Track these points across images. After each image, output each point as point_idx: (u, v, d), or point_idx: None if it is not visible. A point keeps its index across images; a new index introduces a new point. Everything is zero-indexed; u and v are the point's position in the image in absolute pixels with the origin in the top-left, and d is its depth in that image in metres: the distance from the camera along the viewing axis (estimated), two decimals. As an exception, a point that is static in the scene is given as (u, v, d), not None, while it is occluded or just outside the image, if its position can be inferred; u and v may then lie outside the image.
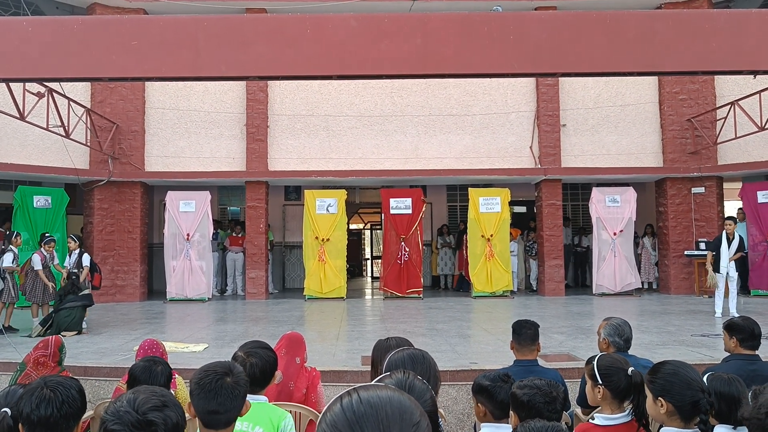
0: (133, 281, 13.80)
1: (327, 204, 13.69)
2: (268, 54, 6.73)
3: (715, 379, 2.68)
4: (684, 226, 14.04)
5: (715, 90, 13.95)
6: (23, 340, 8.16)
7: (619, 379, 2.83)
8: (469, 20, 6.82)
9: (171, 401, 1.65)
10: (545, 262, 14.08)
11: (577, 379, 5.09)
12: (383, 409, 0.97)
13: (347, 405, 0.98)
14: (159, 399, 1.62)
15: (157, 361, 3.28)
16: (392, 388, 1.04)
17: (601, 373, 2.88)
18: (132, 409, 1.56)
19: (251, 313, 11.43)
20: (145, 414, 1.55)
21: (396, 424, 0.96)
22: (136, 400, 1.59)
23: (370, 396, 1.00)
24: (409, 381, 1.54)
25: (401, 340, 2.97)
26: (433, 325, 9.52)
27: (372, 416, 0.96)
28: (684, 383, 2.48)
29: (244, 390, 2.32)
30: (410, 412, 0.99)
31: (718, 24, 6.84)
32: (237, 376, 2.32)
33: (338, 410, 0.98)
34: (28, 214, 12.35)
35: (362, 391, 1.02)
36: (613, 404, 2.84)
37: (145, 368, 3.20)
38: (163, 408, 1.59)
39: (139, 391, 1.66)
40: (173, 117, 14.02)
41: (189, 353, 7.27)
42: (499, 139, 14.20)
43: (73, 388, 2.25)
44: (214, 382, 2.25)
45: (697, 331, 8.44)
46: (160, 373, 3.19)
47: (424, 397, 1.52)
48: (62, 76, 7.00)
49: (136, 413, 1.55)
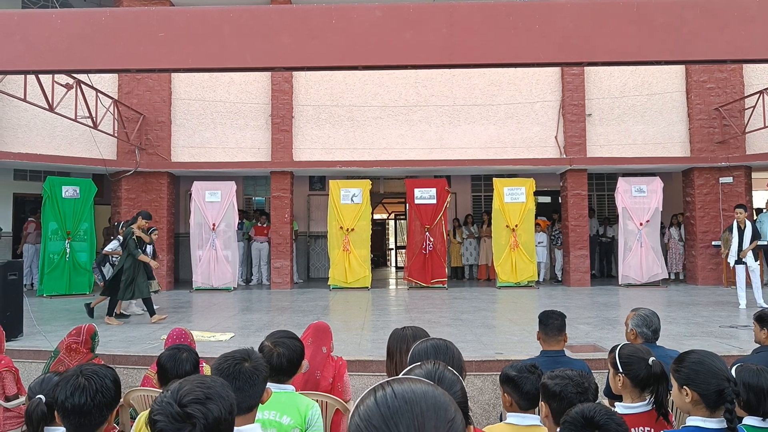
0: (159, 271, 13.93)
1: (351, 194, 13.73)
2: (293, 45, 6.75)
3: (743, 371, 2.66)
4: (711, 216, 13.85)
5: (743, 78, 13.71)
6: (53, 329, 8.30)
7: (639, 368, 2.86)
8: (495, 9, 6.78)
9: (217, 394, 1.60)
10: (570, 253, 13.99)
11: (603, 370, 5.06)
12: (418, 405, 0.95)
13: (381, 399, 0.97)
14: (203, 392, 1.58)
15: (182, 348, 3.31)
16: (426, 382, 1.03)
17: (622, 361, 2.92)
18: (174, 400, 1.54)
19: (276, 302, 11.53)
20: (185, 407, 1.52)
21: (431, 420, 0.94)
22: (179, 391, 1.57)
23: (405, 390, 0.98)
24: (439, 372, 1.54)
25: (417, 330, 2.97)
26: (458, 315, 9.52)
27: (407, 411, 0.94)
28: (709, 372, 2.48)
29: (263, 376, 2.34)
30: (445, 407, 0.98)
31: (748, 12, 6.71)
32: (255, 362, 2.35)
33: (372, 404, 0.97)
34: (57, 205, 12.54)
35: (396, 384, 1.00)
36: (634, 393, 2.87)
37: (170, 356, 3.23)
38: (206, 401, 1.56)
39: (188, 381, 1.63)
40: (199, 108, 14.13)
41: (215, 342, 7.37)
42: (523, 129, 14.10)
43: (108, 377, 2.27)
44: (233, 367, 2.30)
45: (725, 323, 8.35)
46: (186, 360, 3.21)
47: (455, 388, 1.51)
48: (90, 68, 7.08)
49: (178, 405, 1.53)
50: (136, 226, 9.22)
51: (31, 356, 6.84)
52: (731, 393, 2.40)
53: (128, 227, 9.28)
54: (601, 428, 2.00)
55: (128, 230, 9.18)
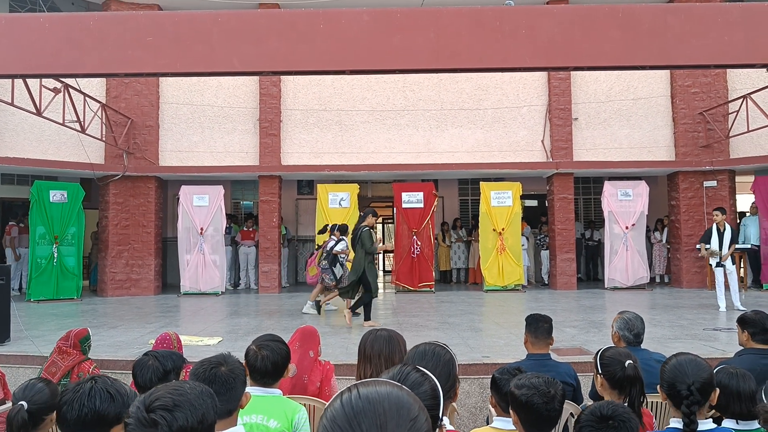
0: (147, 275, 13.93)
1: (339, 198, 13.75)
2: (281, 49, 6.77)
3: (721, 373, 2.72)
4: (696, 219, 13.98)
5: (727, 83, 13.86)
6: (40, 334, 8.25)
7: (616, 370, 2.94)
8: (482, 14, 6.83)
9: (187, 402, 1.54)
10: (557, 256, 14.08)
11: (589, 373, 5.13)
12: (381, 404, 0.98)
13: (346, 400, 1.00)
14: (173, 399, 1.53)
15: (152, 354, 3.22)
16: (392, 383, 1.06)
17: (602, 363, 3.02)
18: (143, 405, 1.51)
19: (264, 306, 11.52)
20: (152, 412, 1.49)
21: (393, 419, 0.97)
22: (151, 395, 1.54)
23: (369, 392, 1.01)
24: (404, 373, 1.57)
25: (391, 332, 3.01)
26: (445, 318, 9.56)
27: (370, 411, 0.97)
28: (672, 372, 2.54)
29: (241, 380, 2.37)
30: (408, 407, 1.00)
31: (731, 17, 6.81)
32: (231, 366, 2.37)
33: (338, 406, 1.00)
34: (45, 209, 12.48)
35: (362, 387, 1.03)
36: (612, 395, 2.96)
37: (138, 362, 3.17)
38: (173, 409, 1.51)
39: (164, 386, 1.60)
40: (187, 112, 14.11)
41: (203, 346, 7.36)
42: (510, 133, 14.19)
43: (105, 399, 2.12)
44: (208, 371, 2.34)
45: (709, 325, 8.44)
46: (150, 366, 3.11)
47: (421, 388, 1.53)
48: (78, 72, 7.08)
49: (146, 410, 1.50)
50: (367, 223, 9.23)
51: (18, 361, 6.81)
52: (685, 392, 2.45)
53: (358, 225, 9.37)
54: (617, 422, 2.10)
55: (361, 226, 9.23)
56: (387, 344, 2.94)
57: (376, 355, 2.92)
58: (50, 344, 4.66)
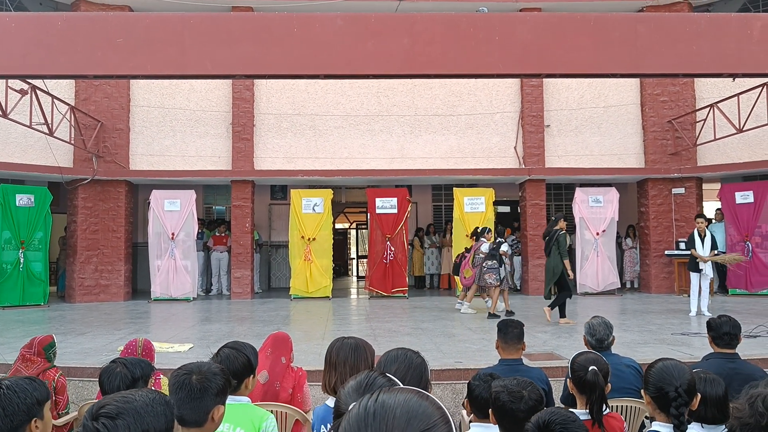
0: (117, 281, 13.71)
1: (313, 203, 13.70)
2: (254, 53, 6.74)
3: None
4: (665, 226, 14.19)
5: (695, 92, 14.11)
6: (5, 341, 8.08)
7: (581, 375, 3.00)
8: (456, 21, 6.87)
9: (133, 411, 1.50)
10: (529, 262, 14.18)
11: (560, 378, 5.16)
12: (392, 412, 0.99)
13: (363, 404, 1.02)
14: (117, 407, 1.49)
15: (119, 361, 3.18)
16: (415, 391, 1.06)
17: (571, 367, 3.10)
18: (92, 411, 1.49)
19: (237, 312, 11.42)
20: (95, 420, 1.47)
21: (399, 428, 0.97)
22: (101, 402, 1.52)
23: (386, 398, 1.02)
24: (371, 377, 1.55)
25: (358, 340, 3.00)
26: (418, 324, 9.56)
27: (381, 417, 0.98)
28: (658, 375, 2.57)
29: (213, 392, 2.32)
30: (421, 416, 1.00)
31: (699, 27, 6.94)
32: (204, 376, 2.33)
33: (355, 409, 1.02)
34: (11, 213, 12.23)
35: (383, 392, 1.04)
36: (581, 398, 3.00)
37: (105, 369, 3.14)
38: (115, 417, 1.47)
39: (118, 393, 1.58)
40: (158, 115, 13.95)
41: (174, 353, 7.26)
42: (484, 140, 14.27)
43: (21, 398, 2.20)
44: (180, 377, 2.31)
45: (677, 330, 8.56)
46: (118, 374, 3.10)
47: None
48: (46, 73, 6.97)
49: (92, 417, 1.48)
50: (560, 227, 9.63)
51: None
52: (674, 394, 2.47)
53: (548, 228, 9.82)
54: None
55: (555, 230, 9.61)
56: (353, 352, 2.91)
57: (341, 362, 2.89)
58: (15, 352, 4.56)
